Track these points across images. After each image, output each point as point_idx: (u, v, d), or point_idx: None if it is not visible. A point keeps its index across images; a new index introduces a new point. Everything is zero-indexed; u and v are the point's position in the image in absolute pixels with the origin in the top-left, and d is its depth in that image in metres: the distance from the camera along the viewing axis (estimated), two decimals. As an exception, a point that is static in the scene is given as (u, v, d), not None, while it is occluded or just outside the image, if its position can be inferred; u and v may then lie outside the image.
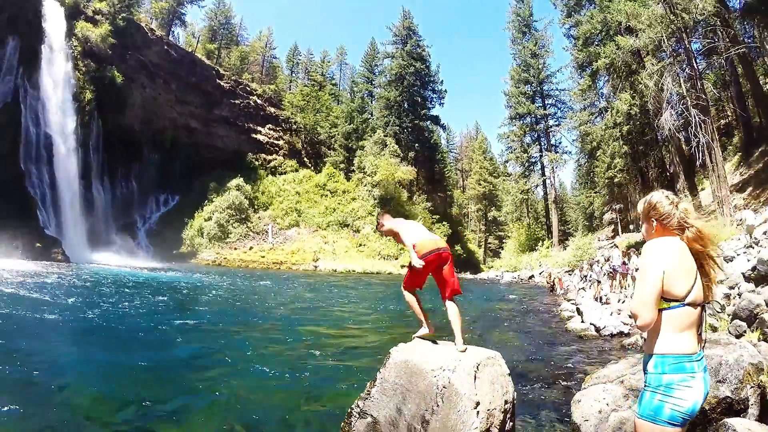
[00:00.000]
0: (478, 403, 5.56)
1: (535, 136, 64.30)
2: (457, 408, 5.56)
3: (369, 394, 6.37)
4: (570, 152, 62.72)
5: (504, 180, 74.97)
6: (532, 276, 42.73)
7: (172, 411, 8.72)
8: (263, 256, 52.84)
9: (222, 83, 63.68)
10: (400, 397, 6.06)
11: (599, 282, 21.26)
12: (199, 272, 39.25)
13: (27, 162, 37.60)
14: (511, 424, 5.86)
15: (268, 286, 30.26)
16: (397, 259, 53.58)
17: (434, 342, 6.68)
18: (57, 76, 41.73)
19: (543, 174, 63.41)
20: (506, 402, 5.89)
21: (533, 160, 64.13)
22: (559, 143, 63.34)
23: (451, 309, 6.13)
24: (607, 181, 48.82)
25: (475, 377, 5.79)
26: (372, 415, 6.22)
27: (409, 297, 6.67)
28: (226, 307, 19.88)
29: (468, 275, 52.24)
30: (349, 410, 6.44)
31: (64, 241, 37.97)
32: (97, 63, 47.72)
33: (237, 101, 63.43)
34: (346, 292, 31.68)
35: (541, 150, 62.89)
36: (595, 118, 48.11)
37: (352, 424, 6.36)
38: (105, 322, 16.03)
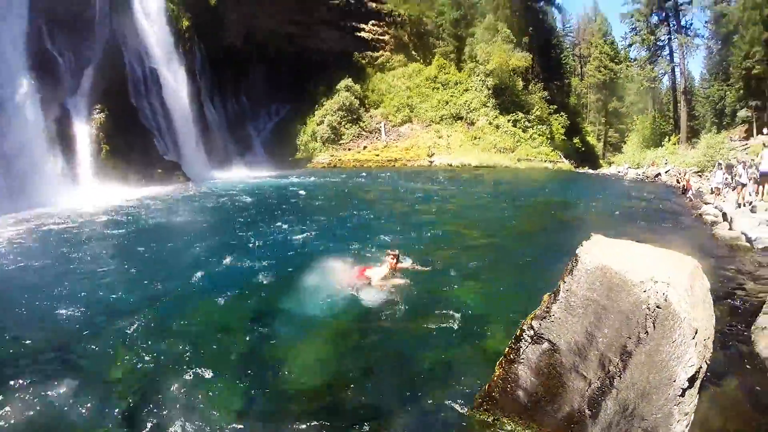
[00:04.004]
0: (696, 332, 4.43)
1: (663, 15, 57.79)
2: (672, 337, 4.44)
3: (548, 312, 5.20)
4: (702, 36, 56.64)
5: (627, 66, 69.87)
6: (659, 174, 40.13)
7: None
8: (377, 155, 53.52)
9: (317, -15, 61.52)
10: (593, 317, 4.92)
11: (744, 185, 19.63)
12: (315, 175, 40.41)
13: (137, 97, 39.40)
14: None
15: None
16: (513, 151, 52.32)
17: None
18: (150, 11, 42.68)
19: (671, 60, 57.52)
20: (713, 327, 4.95)
21: (661, 44, 58.55)
22: (691, 25, 56.87)
23: None
24: (743, 72, 44.19)
25: (691, 294, 4.64)
26: (550, 340, 5.15)
27: None
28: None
29: (588, 170, 50.32)
30: (517, 332, 5.47)
31: (184, 163, 40.39)
32: (187, -11, 47.88)
33: (335, 1, 61.16)
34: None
35: (669, 32, 56.76)
36: (735, -5, 43.06)
37: (521, 350, 5.34)
38: (230, 230, 17.24)
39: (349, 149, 54.79)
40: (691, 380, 4.34)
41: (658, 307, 4.49)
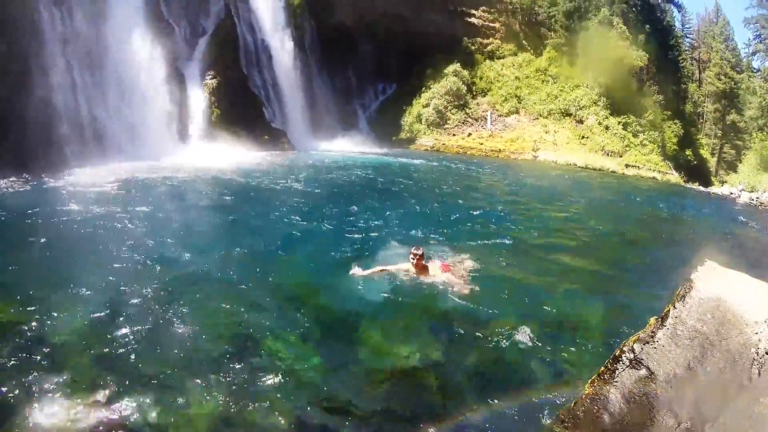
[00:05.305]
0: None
1: (793, 23, 53.42)
2: (775, 392, 3.93)
3: (652, 337, 4.94)
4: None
5: (750, 77, 65.65)
6: (776, 203, 37.11)
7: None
8: (481, 143, 53.19)
9: (429, -33, 60.82)
10: (698, 351, 4.59)
11: None
12: (418, 158, 40.68)
13: (249, 67, 41.89)
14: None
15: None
16: (621, 156, 50.51)
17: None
18: (263, -13, 44.31)
19: (800, 74, 53.11)
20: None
21: (789, 55, 54.14)
22: (823, 35, 52.64)
23: None
24: None
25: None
26: (649, 368, 4.84)
27: None
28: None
29: (698, 186, 47.69)
30: (616, 351, 5.28)
31: (290, 132, 42.65)
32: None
33: (447, -16, 60.23)
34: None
35: (799, 42, 52.73)
36: None
37: (617, 371, 5.09)
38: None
39: (454, 135, 54.56)
40: (785, 447, 3.90)
41: (767, 353, 4.13)
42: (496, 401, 6.52)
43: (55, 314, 8.10)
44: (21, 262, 10.36)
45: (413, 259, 10.34)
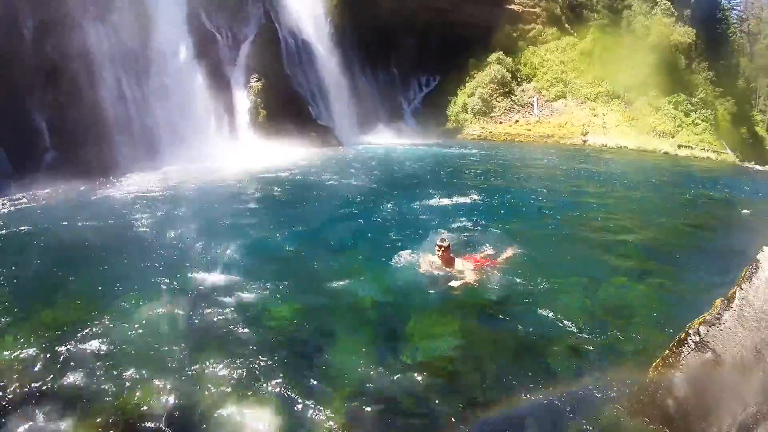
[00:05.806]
0: None
1: None
2: None
3: (718, 319, 4.82)
4: None
5: (805, 49, 63.18)
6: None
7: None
8: (529, 130, 52.66)
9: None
10: (765, 333, 4.44)
11: None
12: (467, 147, 40.70)
13: (292, 67, 42.37)
14: None
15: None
16: (673, 137, 49.26)
17: None
18: (300, -11, 44.87)
19: None
20: None
21: (843, 25, 52.05)
22: None
23: None
24: None
25: None
26: (715, 350, 4.75)
27: None
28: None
29: (755, 166, 45.95)
30: (681, 335, 5.22)
31: (336, 128, 42.94)
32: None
33: (484, -26, 59.68)
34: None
35: None
36: None
37: (682, 354, 5.04)
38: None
39: (501, 122, 54.17)
40: None
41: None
42: (548, 390, 6.45)
43: (118, 313, 8.57)
44: (83, 263, 10.78)
45: (438, 251, 10.43)
